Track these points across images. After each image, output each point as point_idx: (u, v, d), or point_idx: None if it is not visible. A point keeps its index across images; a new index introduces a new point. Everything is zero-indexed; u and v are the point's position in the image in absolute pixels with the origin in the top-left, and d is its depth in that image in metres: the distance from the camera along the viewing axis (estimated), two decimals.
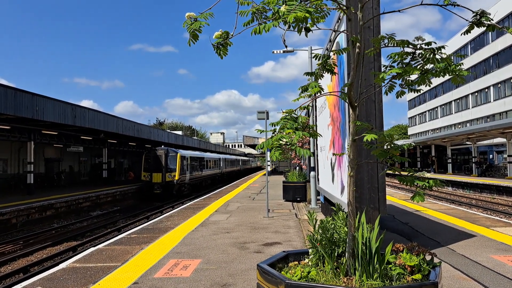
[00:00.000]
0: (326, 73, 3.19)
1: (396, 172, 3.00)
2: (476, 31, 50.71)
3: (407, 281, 2.92)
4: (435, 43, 2.76)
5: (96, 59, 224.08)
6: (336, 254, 3.17)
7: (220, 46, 2.72)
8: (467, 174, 40.82)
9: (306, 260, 3.38)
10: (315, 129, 14.26)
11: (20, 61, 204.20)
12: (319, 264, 3.28)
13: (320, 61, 3.14)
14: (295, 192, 16.83)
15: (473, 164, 40.32)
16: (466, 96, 56.70)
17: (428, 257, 3.14)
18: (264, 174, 55.06)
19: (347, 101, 2.90)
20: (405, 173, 2.99)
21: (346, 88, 3.18)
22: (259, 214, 13.13)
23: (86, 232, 16.51)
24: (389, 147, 2.93)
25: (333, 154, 7.24)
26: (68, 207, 21.07)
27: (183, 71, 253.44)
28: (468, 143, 41.21)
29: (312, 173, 14.80)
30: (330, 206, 10.36)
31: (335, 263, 3.15)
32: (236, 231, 9.97)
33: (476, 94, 53.80)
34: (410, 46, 2.75)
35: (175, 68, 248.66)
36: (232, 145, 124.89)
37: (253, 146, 63.69)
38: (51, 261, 11.54)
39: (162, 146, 34.07)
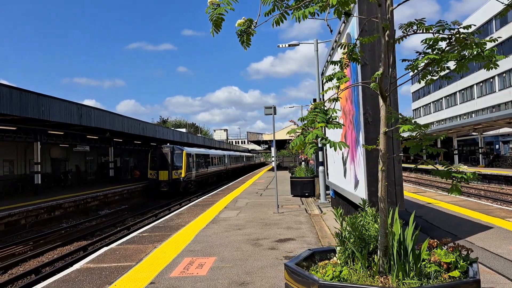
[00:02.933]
0: (352, 62, 3.06)
1: (430, 166, 2.87)
2: (479, 20, 50.12)
3: (444, 278, 2.80)
4: (474, 25, 2.63)
5: (95, 59, 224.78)
6: (366, 252, 3.05)
7: (244, 34, 2.60)
8: (474, 165, 40.55)
9: (334, 258, 3.26)
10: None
11: (19, 63, 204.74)
12: (349, 262, 3.16)
13: (345, 50, 3.00)
14: (303, 187, 16.72)
15: (480, 154, 40.03)
16: (471, 87, 56.24)
17: (464, 253, 3.01)
18: (269, 170, 54.95)
19: (378, 91, 2.77)
20: (439, 166, 2.86)
21: (369, 79, 3.04)
22: (268, 210, 13.04)
23: (95, 231, 16.48)
24: (421, 138, 2.80)
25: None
26: (76, 206, 21.07)
27: (182, 69, 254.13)
28: (474, 133, 40.90)
29: (320, 168, 14.67)
30: (343, 201, 10.24)
31: (365, 262, 3.03)
32: (248, 227, 9.87)
33: (481, 84, 53.35)
34: (445, 31, 2.61)
35: (175, 66, 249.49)
36: (235, 141, 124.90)
37: (257, 142, 63.59)
38: (63, 261, 11.50)
39: (168, 144, 34.00)
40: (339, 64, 3.03)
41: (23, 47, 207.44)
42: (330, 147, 2.43)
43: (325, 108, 2.57)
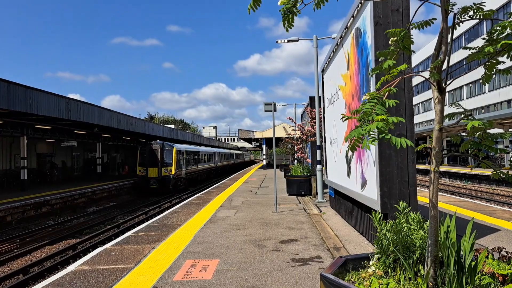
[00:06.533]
0: (403, 51, 2.75)
1: (492, 170, 2.58)
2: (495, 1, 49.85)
3: None
4: None
5: (78, 53, 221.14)
6: (414, 262, 2.75)
7: (289, 14, 2.27)
8: (463, 165, 40.90)
9: (373, 267, 2.95)
10: (324, 121, 13.60)
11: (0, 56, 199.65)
12: (389, 272, 2.86)
13: (396, 38, 2.69)
14: (300, 186, 16.45)
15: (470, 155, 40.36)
16: (460, 88, 56.74)
17: None
18: (259, 168, 54.64)
19: (433, 82, 2.47)
20: (507, 168, 2.56)
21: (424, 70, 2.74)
22: (266, 209, 12.73)
23: (84, 229, 15.95)
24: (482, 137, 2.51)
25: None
26: (63, 203, 20.46)
27: (168, 65, 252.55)
28: (463, 134, 41.21)
29: (318, 167, 14.41)
30: (345, 200, 9.98)
31: (413, 272, 2.73)
32: (248, 227, 9.54)
33: (470, 85, 53.85)
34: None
35: (160, 62, 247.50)
36: (225, 138, 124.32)
37: (248, 140, 63.22)
38: (51, 261, 11.01)
39: (158, 140, 33.41)
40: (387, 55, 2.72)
41: (3, 40, 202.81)
42: (392, 143, 2.11)
43: (382, 100, 2.26)
